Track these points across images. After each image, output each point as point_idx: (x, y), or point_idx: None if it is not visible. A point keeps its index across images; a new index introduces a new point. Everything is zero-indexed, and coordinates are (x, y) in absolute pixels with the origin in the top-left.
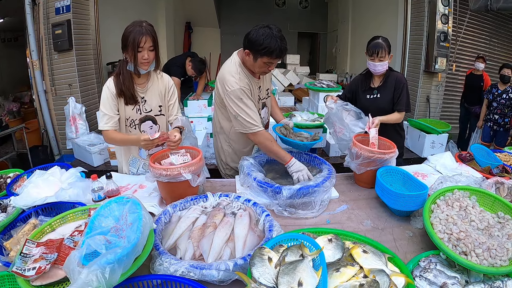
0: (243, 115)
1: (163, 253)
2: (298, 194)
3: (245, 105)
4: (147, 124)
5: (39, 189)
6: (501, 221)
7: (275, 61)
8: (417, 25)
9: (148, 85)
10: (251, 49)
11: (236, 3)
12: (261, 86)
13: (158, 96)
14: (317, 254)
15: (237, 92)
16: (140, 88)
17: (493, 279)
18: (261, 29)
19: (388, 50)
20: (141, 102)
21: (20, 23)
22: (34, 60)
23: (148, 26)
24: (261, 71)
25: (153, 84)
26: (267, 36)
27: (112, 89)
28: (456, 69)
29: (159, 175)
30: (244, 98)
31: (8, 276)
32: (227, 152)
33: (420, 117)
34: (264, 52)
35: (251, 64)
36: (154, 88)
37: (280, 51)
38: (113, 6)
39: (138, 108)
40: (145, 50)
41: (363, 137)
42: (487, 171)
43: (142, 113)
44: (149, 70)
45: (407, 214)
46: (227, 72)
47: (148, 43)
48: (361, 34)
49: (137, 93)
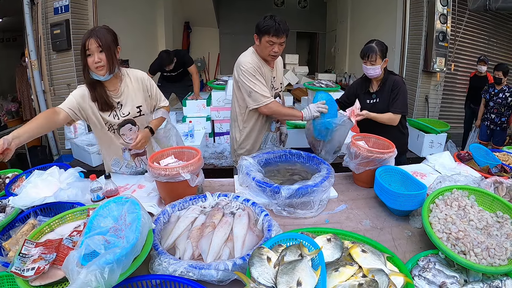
0: (256, 89)
1: (162, 253)
2: (297, 194)
3: (257, 80)
4: (126, 128)
5: (38, 189)
6: (500, 220)
7: (274, 39)
8: (415, 25)
9: (122, 89)
10: (257, 31)
11: (235, 3)
12: (275, 77)
13: (135, 97)
14: (316, 253)
15: (250, 69)
16: (113, 94)
17: (492, 279)
18: (265, 17)
19: (381, 55)
20: (117, 107)
21: (18, 23)
22: (33, 60)
23: (100, 29)
24: (267, 52)
25: (127, 86)
26: (267, 19)
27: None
28: (455, 69)
29: (158, 175)
30: (256, 75)
31: (7, 277)
32: (239, 141)
33: (419, 117)
34: (265, 29)
35: (259, 48)
36: (129, 91)
37: (276, 30)
38: (112, 6)
39: (115, 114)
40: (94, 53)
41: (362, 137)
42: (486, 171)
43: (120, 118)
44: (116, 73)
45: (406, 214)
46: (242, 56)
47: (93, 44)
48: (359, 34)
49: (112, 99)
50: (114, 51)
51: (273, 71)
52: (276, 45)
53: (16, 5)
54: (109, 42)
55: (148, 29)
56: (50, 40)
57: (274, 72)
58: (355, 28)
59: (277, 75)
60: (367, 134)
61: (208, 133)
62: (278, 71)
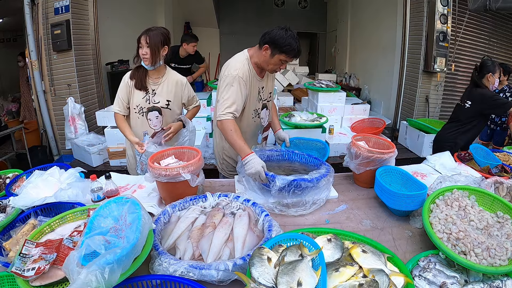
0: (224, 99)
1: (162, 253)
2: (291, 185)
3: (231, 91)
4: (153, 114)
5: (38, 190)
6: (500, 220)
7: (290, 60)
8: (416, 25)
9: (161, 81)
10: (273, 44)
11: (235, 3)
12: (264, 87)
13: (168, 92)
14: (316, 254)
15: (232, 78)
16: (152, 81)
17: (492, 279)
18: (283, 30)
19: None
20: (151, 93)
21: (19, 23)
22: (33, 60)
23: (155, 29)
24: (273, 68)
25: (167, 81)
26: (290, 36)
27: (127, 77)
28: (455, 69)
29: (158, 175)
30: (235, 85)
31: (8, 277)
32: (219, 145)
33: (419, 117)
34: (285, 49)
35: (265, 60)
36: (166, 84)
37: (298, 52)
38: (112, 6)
39: (148, 98)
40: (143, 47)
41: (362, 137)
42: (486, 171)
43: (151, 103)
44: (158, 66)
45: (406, 214)
46: (234, 58)
47: (144, 40)
48: (360, 34)
49: (149, 84)
50: (159, 49)
51: (262, 81)
52: (285, 64)
53: (17, 5)
54: (156, 41)
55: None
56: (50, 40)
57: (264, 82)
58: (356, 28)
59: (267, 85)
60: (367, 134)
61: (209, 133)
62: (268, 81)
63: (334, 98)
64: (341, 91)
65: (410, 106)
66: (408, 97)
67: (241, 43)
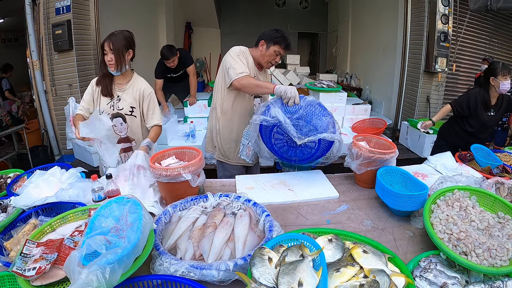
0: (234, 65)
1: (163, 253)
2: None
3: (239, 59)
4: (117, 120)
5: (39, 189)
6: (501, 221)
7: (282, 51)
8: (417, 25)
9: (126, 87)
10: (267, 38)
11: (236, 4)
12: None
13: (132, 98)
14: (317, 254)
15: (238, 49)
16: (117, 87)
17: (493, 279)
18: (274, 29)
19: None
20: (116, 99)
21: (20, 23)
22: (34, 60)
23: (117, 34)
24: (269, 60)
25: (132, 87)
26: (280, 31)
27: (94, 82)
28: (456, 69)
29: (159, 175)
30: (241, 55)
31: (8, 276)
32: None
33: (420, 117)
34: (277, 40)
35: (262, 54)
36: (131, 91)
37: (287, 45)
38: (113, 6)
39: (112, 104)
40: (108, 53)
41: (363, 137)
42: (487, 171)
43: (115, 109)
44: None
45: (407, 214)
46: (237, 46)
47: (107, 46)
48: (361, 35)
49: (115, 90)
50: (123, 53)
51: (259, 74)
52: (279, 56)
53: (18, 5)
54: (120, 46)
55: (149, 29)
56: (51, 40)
57: (261, 76)
58: (357, 28)
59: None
60: (368, 134)
61: None
62: (266, 76)
63: (335, 98)
64: (342, 91)
65: (411, 107)
66: (409, 97)
67: (242, 44)
